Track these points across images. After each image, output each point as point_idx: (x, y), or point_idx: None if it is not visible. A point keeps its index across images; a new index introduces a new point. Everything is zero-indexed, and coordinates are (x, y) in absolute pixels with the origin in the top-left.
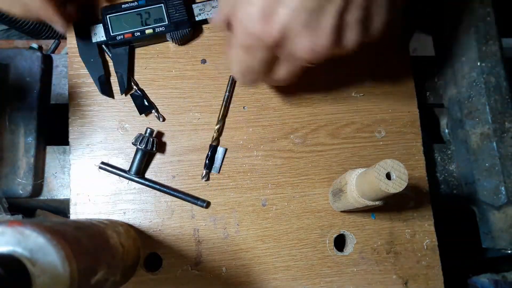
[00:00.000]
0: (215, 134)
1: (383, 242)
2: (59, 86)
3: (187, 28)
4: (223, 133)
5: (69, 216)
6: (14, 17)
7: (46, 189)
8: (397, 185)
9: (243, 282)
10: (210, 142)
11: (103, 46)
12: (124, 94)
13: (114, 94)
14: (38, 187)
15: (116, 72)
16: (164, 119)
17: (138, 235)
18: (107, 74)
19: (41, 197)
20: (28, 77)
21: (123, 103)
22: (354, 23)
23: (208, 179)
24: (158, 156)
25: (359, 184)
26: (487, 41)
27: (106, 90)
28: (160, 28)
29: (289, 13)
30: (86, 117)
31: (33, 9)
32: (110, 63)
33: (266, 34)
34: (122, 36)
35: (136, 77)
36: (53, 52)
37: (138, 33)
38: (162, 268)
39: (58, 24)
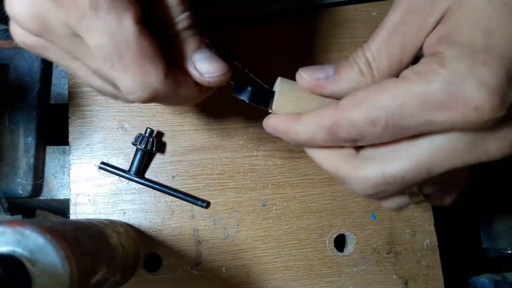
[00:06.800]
0: None
1: (383, 242)
2: (59, 86)
3: None
4: (223, 133)
5: (69, 216)
6: None
7: (46, 189)
8: None
9: (243, 282)
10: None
11: None
12: None
13: None
14: (38, 187)
15: None
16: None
17: (138, 235)
18: None
19: (41, 197)
20: (28, 77)
21: (123, 103)
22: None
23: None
24: (158, 156)
25: None
26: None
27: None
28: None
29: None
30: (86, 117)
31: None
32: None
33: None
34: None
35: None
36: None
37: None
38: (162, 268)
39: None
